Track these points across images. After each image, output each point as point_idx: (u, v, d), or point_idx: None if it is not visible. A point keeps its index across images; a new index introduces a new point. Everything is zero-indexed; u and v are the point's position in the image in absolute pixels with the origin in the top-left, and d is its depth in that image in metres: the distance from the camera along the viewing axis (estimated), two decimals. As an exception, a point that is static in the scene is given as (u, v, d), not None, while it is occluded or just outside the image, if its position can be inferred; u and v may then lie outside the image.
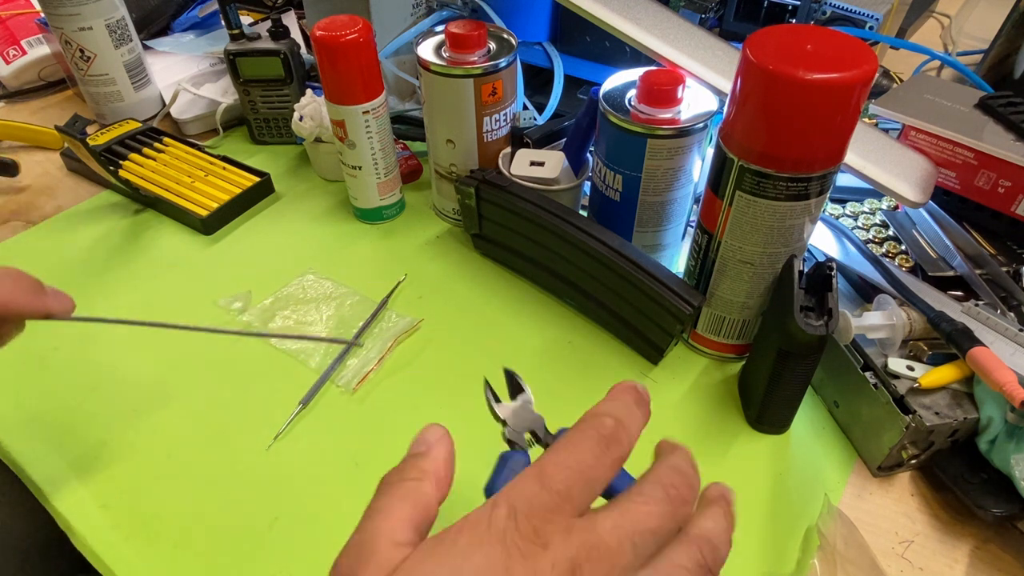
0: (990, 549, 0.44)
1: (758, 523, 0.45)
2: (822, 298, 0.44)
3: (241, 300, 0.60)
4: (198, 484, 0.47)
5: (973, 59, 0.86)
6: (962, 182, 0.56)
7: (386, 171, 0.65)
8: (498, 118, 0.60)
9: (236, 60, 0.72)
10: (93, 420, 0.51)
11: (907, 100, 0.59)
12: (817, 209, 0.44)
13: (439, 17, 0.73)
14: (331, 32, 0.56)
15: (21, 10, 0.89)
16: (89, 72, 0.77)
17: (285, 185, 0.74)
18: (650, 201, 0.54)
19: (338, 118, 0.61)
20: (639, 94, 0.51)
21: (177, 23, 0.91)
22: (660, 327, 0.52)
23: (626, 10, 0.56)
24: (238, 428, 0.51)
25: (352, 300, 0.60)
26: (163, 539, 0.44)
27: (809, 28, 0.41)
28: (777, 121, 0.40)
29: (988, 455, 0.43)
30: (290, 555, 0.43)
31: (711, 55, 0.53)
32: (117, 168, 0.70)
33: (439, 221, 0.69)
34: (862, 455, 0.48)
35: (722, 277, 0.49)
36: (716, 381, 0.54)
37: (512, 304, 0.60)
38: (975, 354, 0.42)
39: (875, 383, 0.46)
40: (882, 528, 0.45)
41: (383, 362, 0.55)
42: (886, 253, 0.56)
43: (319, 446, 0.49)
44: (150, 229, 0.68)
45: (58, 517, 0.46)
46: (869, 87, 0.39)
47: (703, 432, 0.50)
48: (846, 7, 0.69)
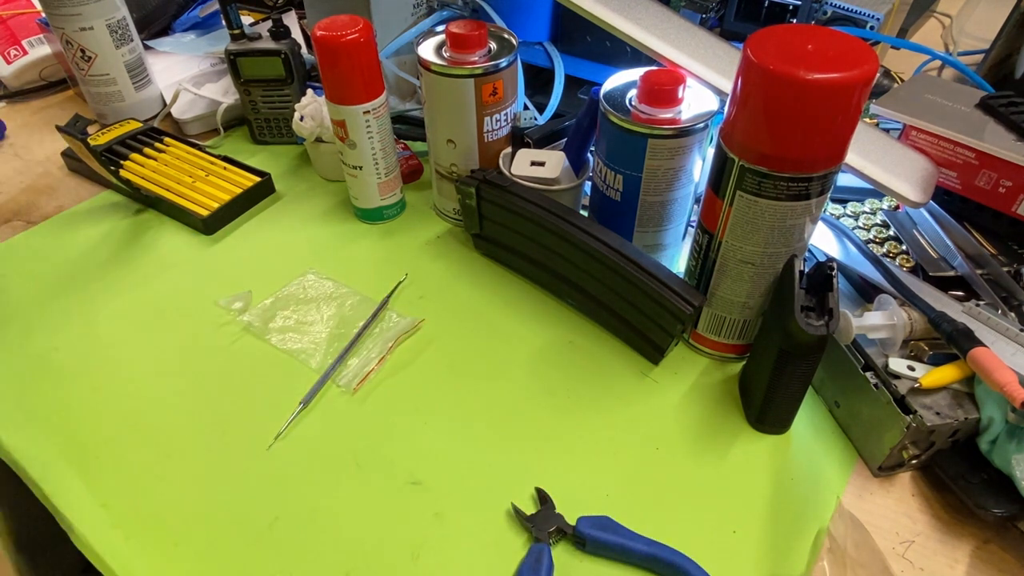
0: (991, 549, 0.44)
1: (759, 523, 0.45)
2: (823, 298, 0.44)
3: (241, 300, 0.60)
4: (198, 484, 0.47)
5: (974, 59, 0.86)
6: (963, 182, 0.56)
7: (387, 171, 0.65)
8: (499, 118, 0.60)
9: (237, 60, 0.72)
10: (94, 420, 0.51)
11: (908, 100, 0.59)
12: (818, 209, 0.44)
13: (440, 17, 0.73)
14: (332, 32, 0.56)
15: (22, 10, 0.89)
16: (90, 72, 0.77)
17: (286, 185, 0.74)
18: (651, 201, 0.54)
19: (339, 118, 0.61)
20: (640, 94, 0.51)
21: (178, 23, 0.91)
22: (661, 327, 0.52)
23: (627, 10, 0.56)
24: (238, 428, 0.51)
25: (353, 300, 0.60)
26: (163, 539, 0.44)
27: (810, 28, 0.41)
28: (778, 121, 0.40)
29: (989, 455, 0.43)
30: (290, 555, 0.43)
31: (712, 55, 0.53)
32: (118, 168, 0.70)
33: (440, 221, 0.69)
34: (863, 455, 0.48)
35: (723, 277, 0.49)
36: (717, 381, 0.54)
37: (513, 304, 0.60)
38: (976, 354, 0.42)
39: (876, 383, 0.46)
40: (883, 528, 0.45)
41: (384, 362, 0.55)
42: (887, 253, 0.56)
43: (320, 446, 0.49)
44: (151, 229, 0.68)
45: (58, 516, 0.46)
46: (870, 87, 0.39)
47: (704, 432, 0.50)
48: (847, 7, 0.69)
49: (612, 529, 0.43)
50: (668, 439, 0.50)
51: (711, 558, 0.42)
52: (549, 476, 0.47)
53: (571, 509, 0.45)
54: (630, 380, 0.54)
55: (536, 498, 0.46)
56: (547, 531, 0.43)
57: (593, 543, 0.43)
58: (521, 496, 0.46)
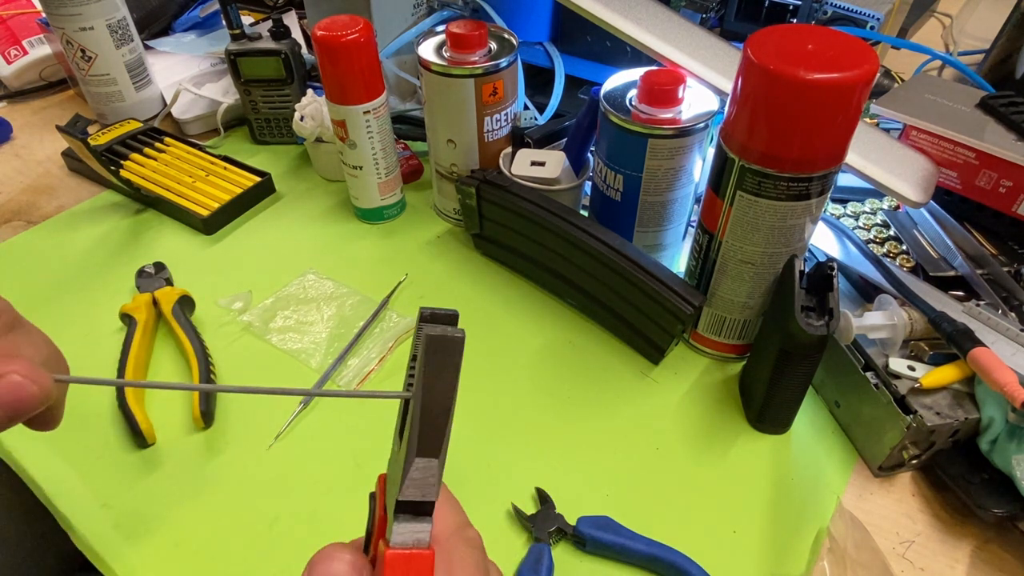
0: (991, 549, 0.44)
1: (759, 523, 0.45)
2: (823, 298, 0.44)
3: (242, 300, 0.60)
4: (198, 484, 0.47)
5: (974, 59, 0.86)
6: (963, 182, 0.56)
7: (387, 171, 0.65)
8: (499, 118, 0.60)
9: (237, 60, 0.72)
10: (94, 420, 0.51)
11: (908, 100, 0.59)
12: (818, 209, 0.44)
13: (440, 17, 0.73)
14: (332, 32, 0.56)
15: (22, 10, 0.89)
16: (90, 72, 0.77)
17: (286, 185, 0.74)
18: (651, 201, 0.54)
19: (339, 118, 0.61)
20: (640, 94, 0.50)
21: (178, 23, 0.91)
22: (661, 327, 0.52)
23: (627, 10, 0.56)
24: (239, 428, 0.51)
25: (353, 300, 0.60)
26: (163, 539, 0.44)
27: (810, 28, 0.41)
28: (778, 121, 0.40)
29: (989, 455, 0.43)
30: (290, 555, 0.43)
31: (712, 55, 0.53)
32: (118, 168, 0.70)
33: (440, 221, 0.69)
34: (863, 455, 0.48)
35: (723, 277, 0.49)
36: (717, 381, 0.54)
37: (513, 304, 0.60)
38: (976, 354, 0.42)
39: (876, 383, 0.46)
40: (883, 528, 0.45)
41: (384, 362, 0.55)
42: (887, 253, 0.56)
43: (319, 446, 0.50)
44: (151, 229, 0.68)
45: (59, 516, 0.46)
46: (870, 87, 0.39)
47: (704, 432, 0.50)
48: (847, 7, 0.69)
49: (612, 529, 0.43)
50: (668, 439, 0.50)
51: (711, 558, 0.42)
52: (549, 476, 0.47)
53: (571, 509, 0.45)
54: (630, 380, 0.54)
55: (536, 498, 0.46)
56: (547, 531, 0.43)
57: (593, 543, 0.43)
58: (521, 496, 0.46)
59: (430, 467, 0.21)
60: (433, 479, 0.22)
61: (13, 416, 0.23)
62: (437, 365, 0.21)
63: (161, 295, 0.58)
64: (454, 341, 0.20)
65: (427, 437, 0.21)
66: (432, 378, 0.21)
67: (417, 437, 0.21)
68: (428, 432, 0.21)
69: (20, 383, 0.23)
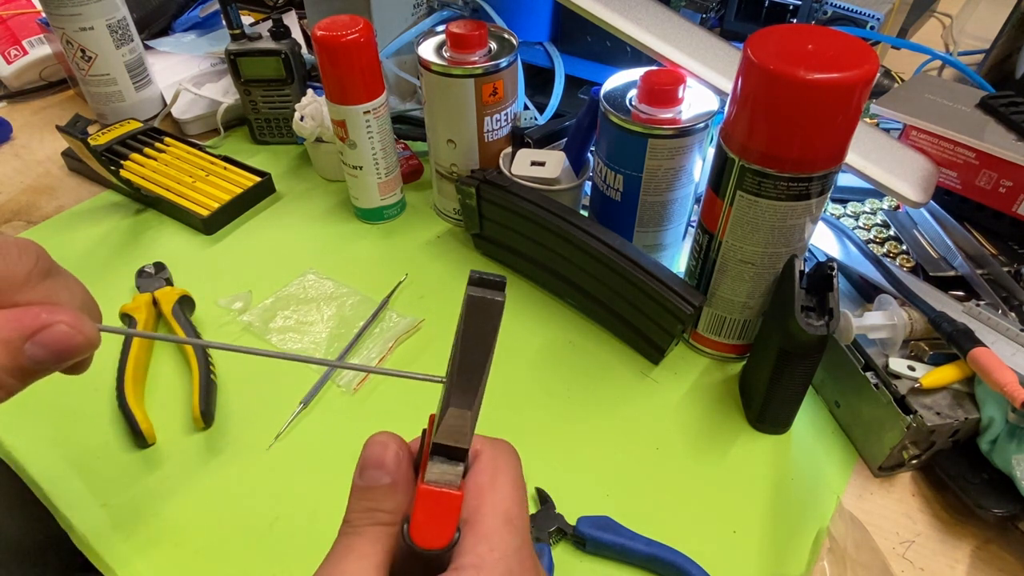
0: (991, 549, 0.44)
1: (759, 523, 0.45)
2: (823, 298, 0.44)
3: (242, 300, 0.60)
4: (198, 484, 0.47)
5: (974, 59, 0.86)
6: (963, 182, 0.56)
7: (387, 171, 0.65)
8: (499, 118, 0.60)
9: (237, 60, 0.72)
10: (94, 419, 0.51)
11: (908, 100, 0.59)
12: (818, 209, 0.44)
13: (440, 17, 0.73)
14: (332, 32, 0.56)
15: (22, 10, 0.89)
16: (90, 72, 0.77)
17: (286, 185, 0.74)
18: (651, 201, 0.54)
19: (339, 118, 0.61)
20: (640, 94, 0.50)
21: (178, 23, 0.91)
22: (661, 327, 0.52)
23: (627, 10, 0.56)
24: (238, 428, 0.51)
25: (353, 300, 0.60)
26: (163, 539, 0.44)
27: (810, 28, 0.41)
28: (778, 121, 0.40)
29: (989, 455, 0.43)
30: (290, 555, 0.43)
31: (712, 55, 0.53)
32: (118, 168, 0.70)
33: (440, 221, 0.69)
34: (863, 455, 0.48)
35: (723, 277, 0.49)
36: (717, 381, 0.54)
37: (512, 304, 0.60)
38: (976, 354, 0.42)
39: (876, 383, 0.46)
40: (883, 528, 0.45)
41: (384, 362, 0.55)
42: (887, 253, 0.56)
43: (320, 446, 0.50)
44: (151, 229, 0.68)
45: (58, 516, 0.46)
46: (870, 87, 0.39)
47: (704, 432, 0.50)
48: (847, 7, 0.69)
49: (612, 529, 0.43)
50: (668, 439, 0.50)
51: (711, 558, 0.42)
52: (549, 476, 0.47)
53: (571, 509, 0.45)
54: (630, 380, 0.54)
55: (536, 498, 0.46)
56: (547, 531, 0.43)
57: (593, 543, 0.43)
58: (521, 496, 0.46)
59: (463, 417, 0.24)
60: (465, 428, 0.24)
61: (59, 363, 0.25)
62: (476, 325, 0.22)
63: (161, 295, 0.58)
64: (494, 304, 0.22)
65: (461, 390, 0.23)
66: (470, 337, 0.22)
67: (453, 390, 0.23)
68: (463, 386, 0.23)
69: (68, 333, 0.24)
